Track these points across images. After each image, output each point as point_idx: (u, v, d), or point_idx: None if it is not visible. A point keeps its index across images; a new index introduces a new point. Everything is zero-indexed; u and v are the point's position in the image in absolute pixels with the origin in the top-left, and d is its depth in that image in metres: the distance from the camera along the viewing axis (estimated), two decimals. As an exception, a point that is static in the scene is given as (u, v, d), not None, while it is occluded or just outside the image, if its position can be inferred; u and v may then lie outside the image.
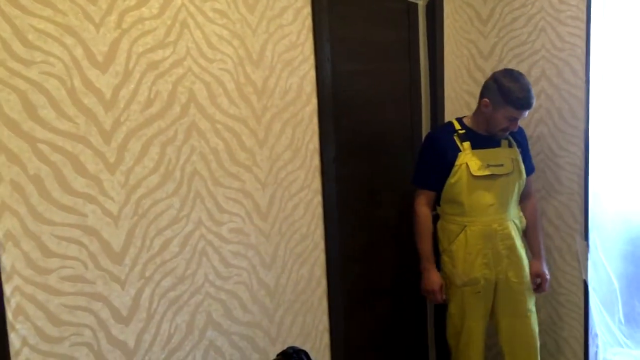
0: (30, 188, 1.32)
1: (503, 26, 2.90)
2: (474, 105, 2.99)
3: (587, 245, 2.77)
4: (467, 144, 2.47)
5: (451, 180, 2.47)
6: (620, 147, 2.75)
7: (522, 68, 2.85)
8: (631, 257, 2.78)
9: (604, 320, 2.80)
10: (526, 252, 2.61)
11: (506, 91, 2.34)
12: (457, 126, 2.53)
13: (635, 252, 2.77)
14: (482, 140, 2.48)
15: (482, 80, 2.91)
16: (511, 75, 2.40)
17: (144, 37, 1.54)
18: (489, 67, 2.93)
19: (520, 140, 2.58)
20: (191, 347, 1.71)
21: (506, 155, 2.50)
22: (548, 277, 2.60)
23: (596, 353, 2.86)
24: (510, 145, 2.53)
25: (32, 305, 1.33)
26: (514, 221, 2.54)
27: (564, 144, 2.79)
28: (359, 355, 2.55)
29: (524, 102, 2.34)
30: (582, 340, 2.86)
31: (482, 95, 2.45)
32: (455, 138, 2.49)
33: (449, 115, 2.96)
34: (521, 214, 2.61)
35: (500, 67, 2.85)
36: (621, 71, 2.68)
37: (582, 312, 2.84)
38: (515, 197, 2.54)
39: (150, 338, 1.59)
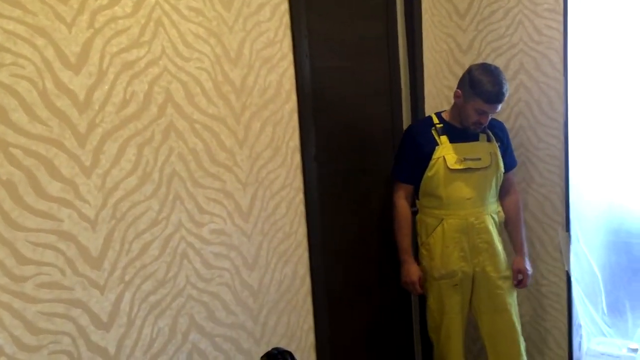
0: (3, 194, 1.28)
1: (481, 20, 2.90)
2: (454, 99, 2.98)
3: (569, 237, 2.78)
4: (444, 138, 2.49)
5: (428, 173, 2.48)
6: (599, 138, 2.77)
7: (500, 61, 2.86)
8: (613, 247, 2.80)
9: (587, 311, 2.82)
10: (504, 247, 2.62)
11: (476, 83, 2.36)
12: (436, 120, 2.55)
13: (617, 242, 2.79)
14: (460, 134, 2.49)
15: (462, 74, 2.90)
16: (485, 68, 2.41)
17: (117, 36, 1.50)
18: (468, 61, 2.93)
19: (500, 135, 2.58)
20: (174, 351, 1.69)
21: (484, 149, 2.50)
22: (530, 272, 2.61)
23: (580, 343, 2.88)
24: (488, 140, 2.53)
25: (8, 314, 1.30)
26: (491, 215, 2.55)
27: (543, 136, 2.81)
28: (345, 354, 2.54)
29: (492, 96, 2.34)
30: (565, 331, 2.88)
31: (457, 86, 2.47)
32: (433, 132, 2.51)
33: (430, 110, 2.95)
34: (499, 208, 2.61)
35: (479, 61, 2.86)
36: (599, 63, 2.70)
37: (565, 303, 2.86)
38: (492, 192, 2.55)
39: (131, 343, 1.56)
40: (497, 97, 2.34)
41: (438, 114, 2.59)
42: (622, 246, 2.80)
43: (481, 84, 2.34)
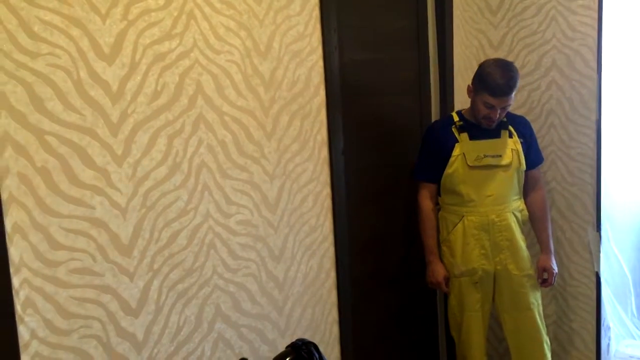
0: (38, 180, 1.32)
1: (513, 16, 2.87)
2: (484, 96, 2.95)
3: (600, 237, 2.74)
4: (464, 135, 2.48)
5: (448, 170, 2.48)
6: (632, 138, 2.72)
7: (532, 58, 2.83)
8: (644, 249, 2.75)
9: (616, 312, 2.78)
10: (528, 245, 2.59)
11: (484, 76, 2.35)
12: (456, 118, 2.55)
13: (648, 243, 2.75)
14: (480, 131, 2.48)
15: (492, 71, 2.87)
16: (496, 62, 2.39)
17: (150, 28, 1.53)
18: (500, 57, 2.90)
19: (522, 131, 2.55)
20: (200, 339, 1.71)
21: (505, 146, 2.48)
22: (555, 271, 2.57)
23: (608, 345, 2.84)
24: (510, 136, 2.51)
25: (41, 298, 1.33)
26: (514, 213, 2.52)
27: (575, 134, 2.77)
28: (369, 348, 2.55)
29: (497, 89, 2.32)
30: (593, 332, 2.84)
31: (471, 82, 2.47)
32: (453, 129, 2.51)
33: (459, 106, 2.94)
34: (523, 206, 2.58)
35: (511, 58, 2.83)
36: (634, 61, 2.65)
37: (594, 304, 2.82)
38: (515, 189, 2.53)
39: (159, 330, 1.59)
40: (503, 89, 2.32)
41: (459, 112, 2.59)
42: (653, 247, 2.75)
43: (488, 77, 2.33)
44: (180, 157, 1.63)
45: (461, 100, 2.97)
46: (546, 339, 2.57)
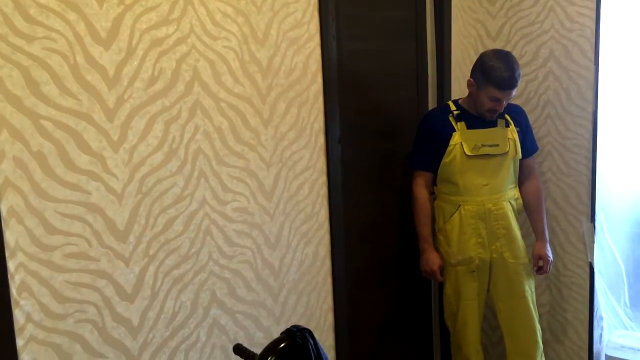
0: (34, 164, 1.31)
1: (511, 6, 2.86)
2: (481, 86, 2.95)
3: (594, 228, 2.75)
4: (461, 124, 2.48)
5: (446, 159, 2.48)
6: (627, 129, 2.73)
7: (530, 49, 2.82)
8: (638, 240, 2.77)
9: (609, 303, 2.80)
10: (523, 234, 2.61)
11: (488, 70, 2.35)
12: (453, 107, 2.54)
13: (642, 234, 2.76)
14: (477, 120, 2.48)
15: (490, 61, 2.86)
16: (497, 54, 2.38)
17: (147, 13, 1.52)
18: (497, 48, 2.90)
19: (519, 119, 2.56)
20: (195, 324, 1.72)
21: (502, 135, 2.49)
22: (550, 259, 2.59)
23: (601, 335, 2.86)
24: (507, 125, 2.51)
25: (36, 282, 1.34)
26: (510, 202, 2.54)
27: (571, 125, 2.77)
28: (363, 335, 2.56)
29: (504, 82, 2.32)
30: (586, 323, 2.86)
31: (470, 75, 2.46)
32: (450, 118, 2.51)
33: (456, 96, 2.93)
34: (518, 195, 2.60)
35: (508, 48, 2.83)
36: (631, 53, 2.65)
37: (587, 294, 2.84)
38: (511, 178, 2.54)
39: (154, 315, 1.60)
40: (509, 83, 2.32)
41: (455, 101, 2.59)
42: (647, 239, 2.77)
43: (493, 71, 2.33)
44: (176, 144, 1.62)
45: (458, 91, 2.96)
46: (539, 327, 2.60)
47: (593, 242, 2.75)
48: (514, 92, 2.38)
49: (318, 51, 2.09)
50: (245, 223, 1.85)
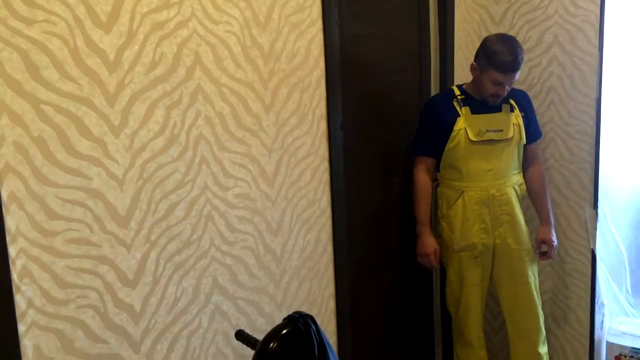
0: (34, 149, 1.30)
1: (515, -9, 2.83)
2: (484, 71, 2.93)
3: (596, 215, 2.74)
4: (466, 109, 2.47)
5: (450, 145, 2.47)
6: (631, 116, 2.71)
7: (534, 34, 2.80)
8: (640, 227, 2.76)
9: (610, 290, 2.79)
10: (527, 220, 2.60)
11: (490, 53, 2.34)
12: (457, 92, 2.53)
13: (645, 221, 2.75)
14: (481, 105, 2.47)
15: (493, 46, 2.84)
16: (500, 38, 2.37)
17: (148, -3, 1.50)
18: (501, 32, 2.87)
19: (523, 104, 2.55)
20: (197, 311, 1.72)
21: (506, 120, 2.47)
22: (555, 244, 2.59)
23: (602, 322, 2.86)
24: (511, 110, 2.50)
25: (38, 267, 1.33)
26: (514, 187, 2.53)
27: (574, 112, 2.75)
28: (365, 322, 2.57)
29: (506, 65, 2.31)
30: (588, 309, 2.86)
31: (474, 59, 2.44)
32: (455, 103, 2.49)
33: (458, 82, 2.91)
34: (522, 180, 2.59)
35: (512, 33, 2.80)
36: (636, 38, 2.63)
37: (589, 281, 2.83)
38: (515, 163, 2.53)
39: (156, 301, 1.60)
40: (512, 66, 2.31)
41: (459, 86, 2.57)
42: (649, 226, 2.76)
43: (495, 54, 2.31)
44: (177, 129, 1.61)
45: (461, 77, 2.94)
46: (541, 313, 2.60)
47: (595, 229, 2.74)
48: (517, 77, 2.36)
49: (320, 36, 2.07)
50: (246, 209, 1.85)
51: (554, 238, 2.59)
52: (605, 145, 2.71)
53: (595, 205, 2.74)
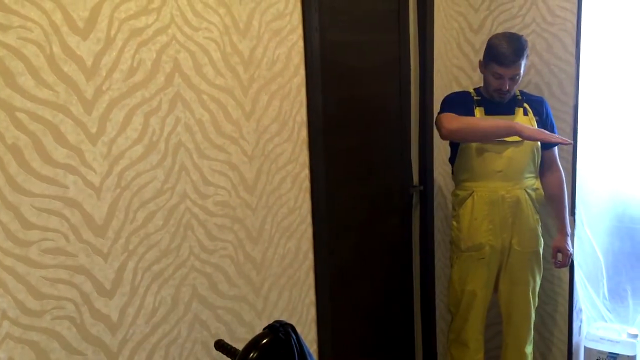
0: (8, 157, 1.27)
1: (494, -1, 2.86)
2: (463, 79, 2.97)
3: (574, 221, 2.77)
4: (480, 110, 2.51)
5: (462, 144, 2.50)
6: (608, 123, 2.75)
7: (512, 42, 2.82)
8: (617, 233, 2.80)
9: (588, 295, 2.82)
10: (542, 225, 2.61)
11: (491, 46, 2.41)
12: (473, 93, 2.57)
13: (621, 227, 2.79)
14: (496, 107, 2.51)
15: (472, 54, 2.89)
16: (503, 34, 2.46)
17: (126, 2, 1.48)
18: (479, 41, 2.90)
19: (539, 109, 2.57)
20: (176, 320, 1.69)
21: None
22: (570, 252, 2.62)
23: (580, 327, 2.89)
24: (525, 114, 2.52)
25: (12, 278, 1.30)
26: (526, 190, 2.54)
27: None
28: (346, 330, 2.56)
29: (504, 57, 2.35)
30: (566, 315, 2.89)
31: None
32: (470, 103, 2.53)
33: (438, 89, 2.93)
34: (538, 185, 2.60)
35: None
36: (612, 46, 2.66)
37: (567, 287, 2.86)
38: (529, 167, 2.54)
39: (134, 311, 1.57)
40: (510, 57, 2.34)
41: (476, 89, 2.62)
42: (625, 232, 2.80)
43: (494, 47, 2.38)
44: (156, 136, 1.59)
45: (439, 84, 2.96)
46: (533, 315, 2.65)
47: (573, 235, 2.77)
48: (518, 70, 2.39)
49: (301, 43, 2.06)
50: (226, 217, 1.83)
51: (569, 246, 2.62)
52: (582, 152, 2.75)
53: (572, 212, 2.77)
